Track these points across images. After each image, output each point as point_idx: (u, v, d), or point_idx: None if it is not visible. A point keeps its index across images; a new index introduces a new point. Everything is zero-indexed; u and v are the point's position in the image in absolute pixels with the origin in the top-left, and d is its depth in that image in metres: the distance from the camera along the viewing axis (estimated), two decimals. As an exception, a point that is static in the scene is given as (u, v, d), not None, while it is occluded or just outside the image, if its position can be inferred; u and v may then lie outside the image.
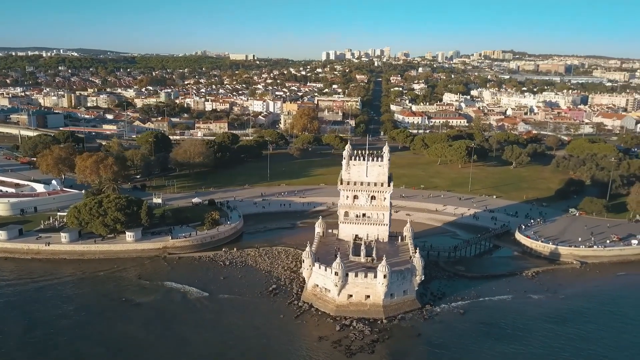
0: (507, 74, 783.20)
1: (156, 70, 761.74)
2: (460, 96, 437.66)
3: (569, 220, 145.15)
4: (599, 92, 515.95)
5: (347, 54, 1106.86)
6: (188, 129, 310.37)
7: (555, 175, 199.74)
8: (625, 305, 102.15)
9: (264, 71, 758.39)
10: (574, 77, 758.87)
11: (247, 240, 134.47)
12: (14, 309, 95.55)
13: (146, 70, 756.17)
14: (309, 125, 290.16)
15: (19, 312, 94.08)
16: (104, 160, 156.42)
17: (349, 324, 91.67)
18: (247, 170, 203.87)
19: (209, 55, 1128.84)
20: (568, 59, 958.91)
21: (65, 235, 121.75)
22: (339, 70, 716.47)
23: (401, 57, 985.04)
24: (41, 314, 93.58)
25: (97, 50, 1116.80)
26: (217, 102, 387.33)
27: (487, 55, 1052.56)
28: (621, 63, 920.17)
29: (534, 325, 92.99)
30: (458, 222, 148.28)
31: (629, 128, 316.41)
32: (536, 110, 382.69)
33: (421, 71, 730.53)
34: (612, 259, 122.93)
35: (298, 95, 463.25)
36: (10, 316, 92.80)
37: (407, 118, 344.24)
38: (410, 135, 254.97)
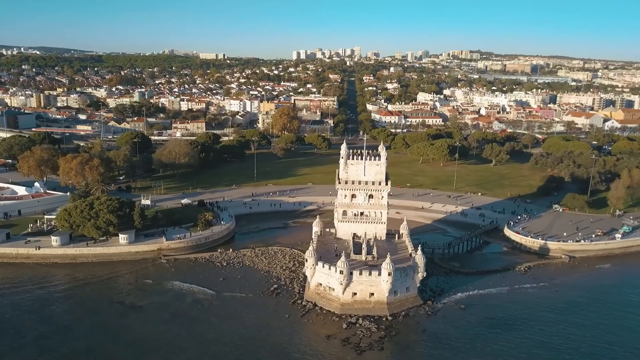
0: (476, 73, 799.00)
1: (125, 69, 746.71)
2: (434, 95, 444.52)
3: (553, 216, 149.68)
4: (565, 91, 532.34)
5: (317, 54, 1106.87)
6: (165, 129, 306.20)
7: (534, 173, 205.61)
8: (615, 295, 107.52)
9: (236, 70, 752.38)
10: (540, 76, 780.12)
11: (240, 241, 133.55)
12: (23, 314, 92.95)
13: (114, 70, 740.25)
14: (288, 124, 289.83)
15: (29, 319, 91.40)
16: (89, 162, 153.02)
17: (354, 321, 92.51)
18: (232, 170, 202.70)
19: (177, 54, 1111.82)
20: (533, 59, 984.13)
21: (56, 239, 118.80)
22: (312, 70, 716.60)
23: (372, 57, 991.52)
24: (55, 319, 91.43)
25: (60, 49, 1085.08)
26: (192, 102, 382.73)
27: (455, 55, 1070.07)
28: (584, 63, 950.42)
29: (533, 316, 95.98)
30: (447, 220, 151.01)
31: (597, 126, 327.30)
32: (508, 109, 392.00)
33: (392, 71, 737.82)
34: (598, 253, 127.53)
35: (273, 95, 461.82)
36: (21, 322, 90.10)
37: (384, 117, 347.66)
38: (391, 135, 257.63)
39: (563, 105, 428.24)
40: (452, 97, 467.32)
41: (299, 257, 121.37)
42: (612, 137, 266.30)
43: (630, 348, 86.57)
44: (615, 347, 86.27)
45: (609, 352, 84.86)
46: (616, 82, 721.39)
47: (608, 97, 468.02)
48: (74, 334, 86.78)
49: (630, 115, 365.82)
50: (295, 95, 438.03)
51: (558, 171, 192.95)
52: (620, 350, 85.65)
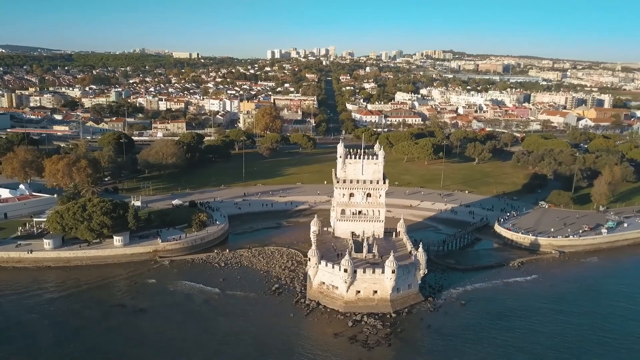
0: (450, 73, 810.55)
1: (97, 69, 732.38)
2: (412, 95, 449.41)
3: (540, 212, 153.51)
4: (538, 90, 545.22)
5: (292, 53, 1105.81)
6: (145, 129, 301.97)
7: (516, 170, 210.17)
8: (604, 286, 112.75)
9: (212, 70, 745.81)
10: (512, 76, 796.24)
11: (234, 242, 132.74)
12: (31, 319, 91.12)
13: (85, 69, 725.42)
14: (271, 124, 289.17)
15: (37, 323, 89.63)
16: (77, 163, 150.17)
17: (359, 319, 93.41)
18: (218, 170, 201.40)
19: (149, 53, 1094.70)
20: (505, 59, 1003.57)
21: (48, 242, 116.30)
22: (289, 69, 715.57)
23: (347, 57, 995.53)
24: (64, 323, 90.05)
25: (27, 47, 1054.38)
26: (171, 102, 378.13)
27: (428, 55, 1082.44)
28: (553, 63, 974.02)
29: (531, 309, 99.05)
30: (438, 217, 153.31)
31: (572, 125, 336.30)
32: (485, 108, 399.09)
33: (368, 70, 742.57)
34: (586, 248, 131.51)
35: (251, 94, 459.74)
36: (30, 327, 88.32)
37: (364, 117, 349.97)
38: (374, 134, 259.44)
39: (537, 104, 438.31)
40: (429, 97, 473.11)
41: (296, 257, 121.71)
42: (588, 135, 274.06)
43: (621, 333, 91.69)
44: (608, 333, 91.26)
45: (602, 338, 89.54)
46: (585, 82, 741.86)
47: (580, 97, 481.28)
48: (88, 338, 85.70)
49: (602, 114, 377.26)
50: (274, 95, 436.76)
51: (540, 169, 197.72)
52: (612, 335, 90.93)
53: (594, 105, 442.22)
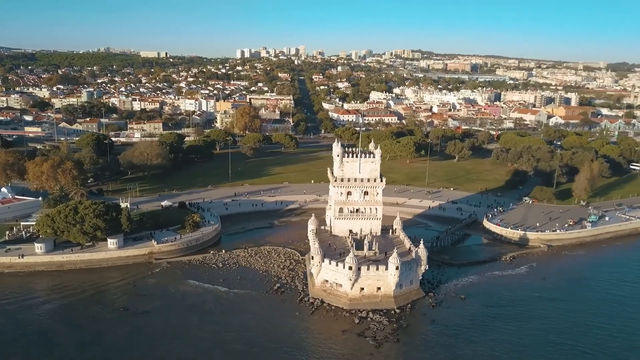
0: (420, 72, 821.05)
1: (62, 68, 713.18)
2: (387, 94, 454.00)
3: (525, 208, 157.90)
4: (506, 89, 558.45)
5: (262, 52, 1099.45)
6: (120, 129, 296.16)
7: (496, 167, 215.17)
8: (592, 275, 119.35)
9: (182, 69, 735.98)
10: (480, 75, 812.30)
11: (228, 242, 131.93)
12: (42, 325, 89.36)
13: (50, 68, 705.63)
14: (250, 124, 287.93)
15: (55, 327, 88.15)
16: (62, 165, 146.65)
17: (365, 315, 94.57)
18: (202, 171, 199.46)
19: (114, 52, 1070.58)
20: (472, 59, 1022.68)
21: (40, 246, 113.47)
22: (261, 69, 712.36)
23: (318, 56, 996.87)
24: (77, 328, 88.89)
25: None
26: (145, 102, 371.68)
27: (398, 54, 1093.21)
28: (519, 62, 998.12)
29: (529, 301, 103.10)
30: (427, 214, 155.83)
31: (543, 122, 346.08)
32: (458, 106, 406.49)
33: (340, 70, 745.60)
34: (572, 241, 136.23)
35: (225, 94, 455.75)
36: (47, 333, 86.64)
37: (342, 116, 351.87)
38: (355, 133, 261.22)
39: (508, 102, 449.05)
40: (402, 96, 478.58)
41: (293, 256, 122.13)
42: (562, 133, 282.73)
43: (610, 316, 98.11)
44: (599, 317, 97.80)
45: (594, 321, 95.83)
46: (550, 81, 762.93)
47: (548, 95, 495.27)
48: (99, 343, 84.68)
49: (570, 111, 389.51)
50: (249, 95, 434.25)
51: (519, 165, 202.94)
52: (603, 318, 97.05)
53: (562, 103, 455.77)
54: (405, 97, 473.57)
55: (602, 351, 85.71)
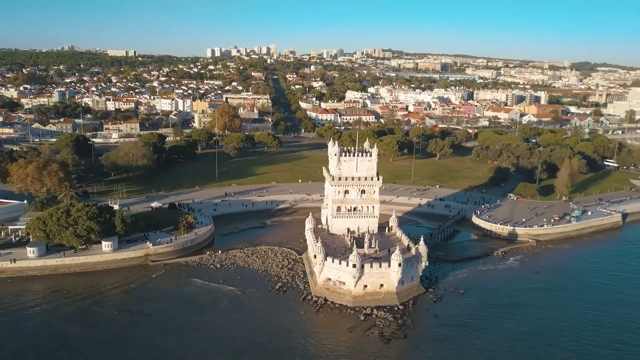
0: (391, 71, 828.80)
1: (27, 67, 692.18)
2: (363, 93, 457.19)
3: (511, 204, 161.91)
4: (477, 88, 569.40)
5: (233, 51, 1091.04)
6: (96, 130, 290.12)
7: (477, 165, 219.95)
8: (579, 267, 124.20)
9: (152, 68, 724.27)
10: (451, 74, 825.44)
11: (222, 243, 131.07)
12: (52, 331, 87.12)
13: (15, 67, 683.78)
14: (230, 123, 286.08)
15: (48, 339, 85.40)
16: (47, 167, 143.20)
17: (370, 312, 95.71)
18: (187, 171, 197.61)
19: (79, 50, 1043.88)
20: (442, 58, 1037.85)
21: (32, 250, 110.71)
22: (234, 68, 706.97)
23: (290, 55, 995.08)
24: (81, 334, 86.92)
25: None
26: (120, 102, 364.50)
27: (369, 53, 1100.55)
28: (487, 62, 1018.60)
29: (525, 293, 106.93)
30: (416, 212, 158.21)
31: (517, 120, 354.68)
32: (433, 105, 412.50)
33: (313, 69, 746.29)
34: (558, 236, 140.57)
35: (200, 93, 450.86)
36: (43, 342, 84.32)
37: (320, 115, 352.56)
38: (337, 132, 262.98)
39: (481, 101, 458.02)
40: (378, 95, 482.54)
41: (291, 255, 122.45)
42: (537, 130, 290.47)
43: (599, 302, 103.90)
44: (590, 303, 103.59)
45: (585, 305, 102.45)
46: (518, 80, 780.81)
47: (519, 94, 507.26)
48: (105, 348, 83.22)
49: (542, 109, 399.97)
50: (225, 94, 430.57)
51: (499, 163, 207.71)
52: (591, 304, 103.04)
53: (532, 101, 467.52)
54: (380, 96, 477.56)
55: (592, 332, 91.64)
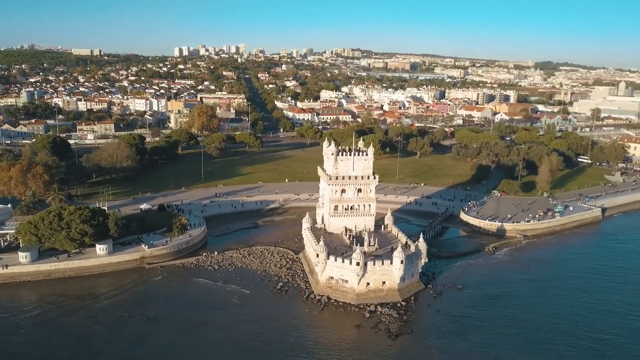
0: (362, 71, 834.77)
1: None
2: (338, 93, 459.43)
3: (495, 200, 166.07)
4: (447, 87, 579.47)
5: (201, 50, 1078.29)
6: (69, 131, 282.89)
7: (457, 163, 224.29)
8: (567, 259, 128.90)
9: (120, 67, 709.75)
10: (420, 74, 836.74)
11: (216, 244, 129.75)
12: (63, 338, 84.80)
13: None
14: (208, 123, 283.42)
15: (52, 346, 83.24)
16: (32, 169, 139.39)
17: (374, 309, 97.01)
18: (170, 172, 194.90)
19: (39, 49, 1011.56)
20: (411, 57, 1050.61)
21: (24, 255, 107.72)
22: (204, 67, 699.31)
23: (260, 54, 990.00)
24: (85, 339, 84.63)
25: None
26: (92, 102, 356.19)
27: (338, 53, 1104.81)
28: (454, 61, 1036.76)
29: (520, 286, 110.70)
30: (405, 209, 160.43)
31: (490, 118, 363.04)
32: (407, 105, 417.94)
33: (285, 68, 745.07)
34: (544, 231, 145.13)
35: (172, 93, 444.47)
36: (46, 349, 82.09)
37: (297, 115, 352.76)
38: (318, 132, 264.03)
39: (453, 100, 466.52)
40: (352, 95, 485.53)
41: (287, 255, 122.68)
42: (512, 129, 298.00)
43: (584, 289, 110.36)
44: (575, 290, 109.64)
45: (574, 293, 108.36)
46: (485, 79, 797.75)
47: (489, 93, 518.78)
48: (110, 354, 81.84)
49: (512, 108, 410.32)
50: (199, 94, 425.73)
51: (479, 160, 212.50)
52: (579, 291, 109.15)
53: (502, 100, 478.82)
54: (354, 95, 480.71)
55: (585, 317, 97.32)
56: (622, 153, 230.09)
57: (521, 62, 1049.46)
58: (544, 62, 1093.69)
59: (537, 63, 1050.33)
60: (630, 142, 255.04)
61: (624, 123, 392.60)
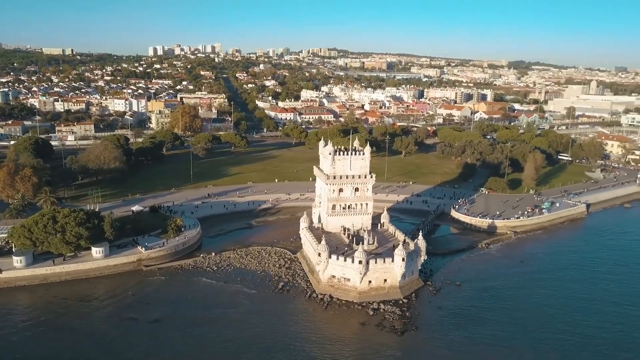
0: (340, 70, 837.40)
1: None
2: (319, 92, 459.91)
3: (484, 198, 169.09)
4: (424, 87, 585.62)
5: (176, 50, 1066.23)
6: (47, 132, 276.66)
7: (442, 161, 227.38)
8: (558, 252, 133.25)
9: (94, 67, 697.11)
10: (397, 73, 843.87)
11: (211, 245, 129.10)
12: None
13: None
14: (191, 124, 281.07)
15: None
16: (20, 172, 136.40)
17: (377, 307, 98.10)
18: (157, 173, 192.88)
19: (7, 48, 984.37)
20: (387, 57, 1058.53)
21: (19, 259, 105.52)
22: (181, 67, 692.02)
23: (236, 54, 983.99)
24: (91, 344, 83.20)
25: None
26: (69, 102, 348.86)
27: (315, 52, 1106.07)
28: (430, 61, 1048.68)
29: (516, 279, 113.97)
30: (396, 208, 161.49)
31: (469, 117, 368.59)
32: (388, 104, 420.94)
33: (262, 68, 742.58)
34: (533, 227, 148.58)
35: (150, 93, 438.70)
36: None
37: (279, 114, 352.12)
38: (304, 131, 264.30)
39: (432, 99, 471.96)
40: (332, 94, 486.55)
41: (285, 255, 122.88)
42: (493, 127, 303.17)
43: (574, 280, 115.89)
44: (567, 281, 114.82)
45: (565, 283, 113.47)
46: (460, 78, 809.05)
47: (467, 92, 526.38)
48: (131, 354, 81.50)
49: (491, 107, 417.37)
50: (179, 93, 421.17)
51: (464, 159, 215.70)
52: (575, 282, 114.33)
53: (479, 99, 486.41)
54: (334, 95, 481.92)
55: (574, 303, 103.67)
56: (600, 150, 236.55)
57: (495, 61, 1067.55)
58: (517, 61, 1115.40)
59: (510, 62, 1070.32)
60: (607, 139, 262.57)
61: (598, 121, 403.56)
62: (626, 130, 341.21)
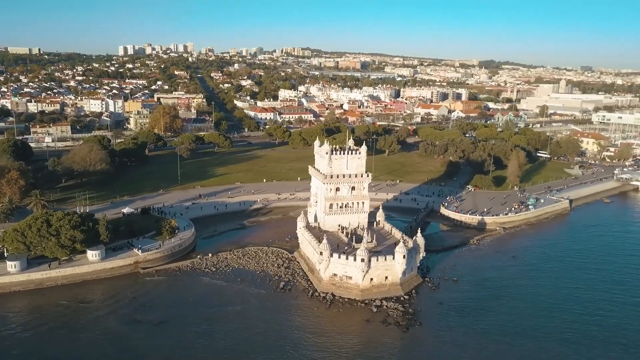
0: (314, 70, 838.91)
1: None
2: (297, 92, 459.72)
3: (471, 195, 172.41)
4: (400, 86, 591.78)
5: (147, 49, 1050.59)
6: (22, 134, 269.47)
7: (425, 160, 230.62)
8: (549, 246, 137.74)
9: (64, 66, 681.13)
10: (371, 72, 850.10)
11: (205, 246, 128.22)
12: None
13: None
14: (172, 124, 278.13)
15: None
16: (5, 175, 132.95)
17: (380, 304, 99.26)
18: (142, 174, 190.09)
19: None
20: (360, 56, 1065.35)
21: (13, 264, 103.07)
22: (154, 66, 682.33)
23: (209, 53, 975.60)
24: (97, 350, 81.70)
25: None
26: (43, 103, 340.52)
27: (288, 52, 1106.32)
28: (403, 60, 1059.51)
29: (511, 274, 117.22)
30: (386, 206, 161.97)
31: (447, 116, 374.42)
32: (366, 103, 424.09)
33: (237, 67, 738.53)
34: (520, 222, 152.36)
35: (125, 93, 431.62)
36: None
37: (259, 114, 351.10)
38: (287, 131, 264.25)
39: (408, 98, 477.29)
40: (310, 94, 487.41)
41: (282, 255, 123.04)
42: (473, 125, 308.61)
43: (565, 269, 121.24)
44: (564, 273, 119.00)
45: (557, 275, 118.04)
46: (434, 77, 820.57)
47: (442, 91, 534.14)
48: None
49: (467, 106, 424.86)
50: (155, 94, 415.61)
51: (446, 157, 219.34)
52: (566, 273, 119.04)
53: (455, 98, 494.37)
54: (312, 94, 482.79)
55: (566, 291, 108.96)
56: (577, 147, 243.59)
57: (466, 61, 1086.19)
58: (488, 60, 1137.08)
59: (481, 62, 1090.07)
60: (582, 137, 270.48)
61: (570, 119, 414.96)
62: (598, 128, 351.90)
